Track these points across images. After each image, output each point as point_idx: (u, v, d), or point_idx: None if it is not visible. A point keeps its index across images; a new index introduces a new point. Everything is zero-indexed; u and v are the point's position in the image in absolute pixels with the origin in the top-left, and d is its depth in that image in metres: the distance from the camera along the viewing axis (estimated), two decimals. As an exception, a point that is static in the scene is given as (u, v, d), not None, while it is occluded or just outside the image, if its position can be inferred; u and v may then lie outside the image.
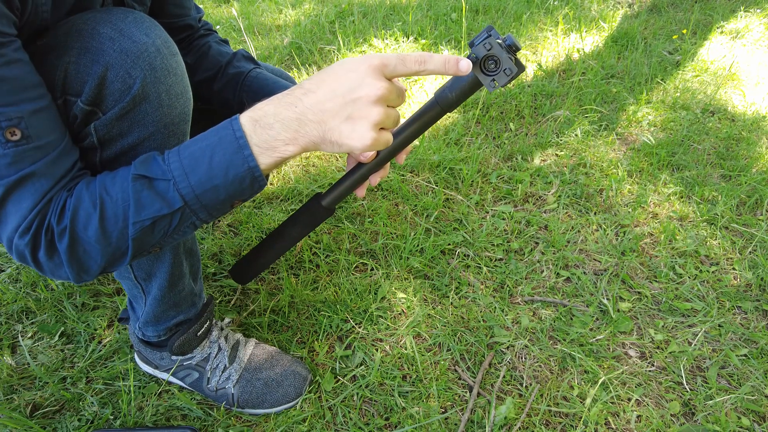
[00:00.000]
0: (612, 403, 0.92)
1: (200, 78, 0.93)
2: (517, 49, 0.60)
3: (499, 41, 0.60)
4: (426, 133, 1.64)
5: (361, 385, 0.94)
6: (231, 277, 0.97)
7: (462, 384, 0.96)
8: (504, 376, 0.96)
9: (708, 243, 1.26)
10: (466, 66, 0.56)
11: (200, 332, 0.88)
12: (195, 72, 0.93)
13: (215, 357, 0.91)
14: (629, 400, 0.93)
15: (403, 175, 1.47)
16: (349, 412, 0.91)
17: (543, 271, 1.19)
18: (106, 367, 0.98)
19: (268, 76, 0.91)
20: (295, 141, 0.55)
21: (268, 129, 0.54)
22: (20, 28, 0.53)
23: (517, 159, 1.55)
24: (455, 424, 0.89)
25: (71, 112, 0.58)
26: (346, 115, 0.54)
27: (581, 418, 0.89)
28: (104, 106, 0.58)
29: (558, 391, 0.94)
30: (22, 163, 0.52)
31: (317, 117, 0.54)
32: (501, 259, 1.22)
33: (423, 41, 2.23)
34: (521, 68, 0.60)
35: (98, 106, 0.58)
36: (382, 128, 0.56)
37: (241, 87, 0.90)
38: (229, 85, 0.92)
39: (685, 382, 0.96)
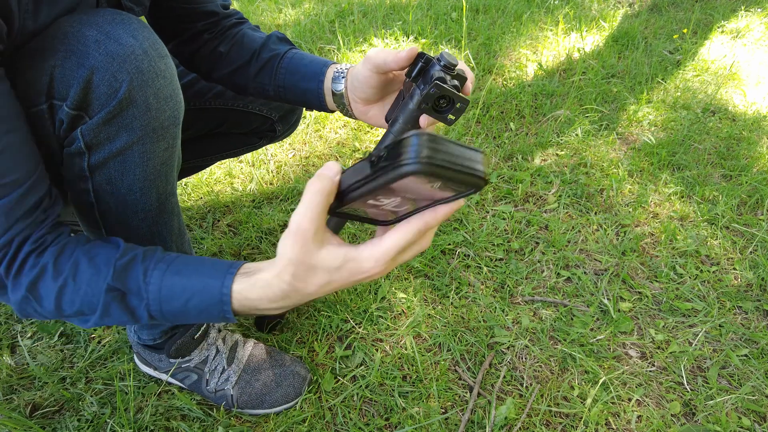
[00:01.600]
0: (612, 403, 0.92)
1: (235, 66, 0.90)
2: (454, 65, 0.59)
3: (441, 73, 0.58)
4: (426, 132, 1.63)
5: (361, 386, 0.94)
6: (255, 328, 1.03)
7: (462, 384, 0.95)
8: (504, 377, 0.96)
9: (709, 243, 1.26)
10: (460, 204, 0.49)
11: (197, 335, 0.88)
12: (230, 61, 0.90)
13: (213, 359, 0.90)
14: (630, 400, 0.93)
15: (403, 175, 1.47)
16: (349, 412, 0.90)
17: (543, 271, 1.19)
18: (105, 368, 0.98)
19: (304, 54, 0.87)
20: (282, 311, 0.54)
21: (264, 310, 0.53)
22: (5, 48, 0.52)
23: (517, 159, 1.55)
24: (455, 425, 0.89)
25: (57, 116, 0.57)
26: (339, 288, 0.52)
27: (582, 418, 0.89)
28: (90, 110, 0.57)
29: (558, 392, 0.94)
30: None
31: (312, 299, 0.55)
32: (501, 259, 1.22)
33: (423, 40, 2.22)
34: (465, 102, 0.59)
35: (84, 111, 0.57)
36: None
37: (278, 70, 0.87)
38: (264, 70, 0.88)
39: (685, 382, 0.96)
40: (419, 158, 0.36)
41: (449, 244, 1.24)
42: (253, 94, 0.92)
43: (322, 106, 0.83)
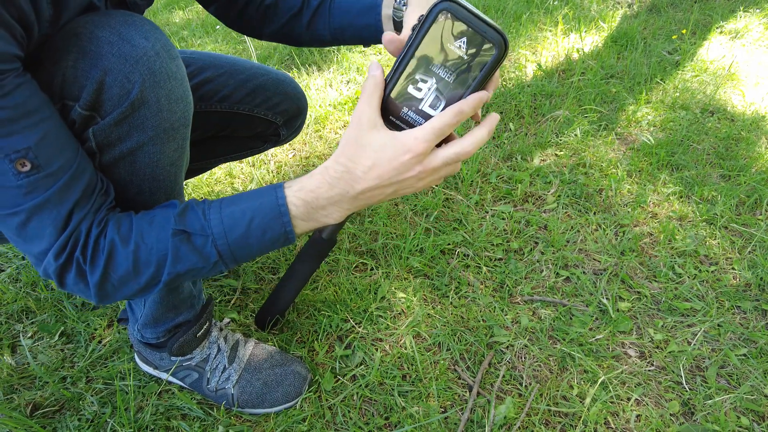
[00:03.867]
0: (611, 402, 0.92)
1: (286, 18, 0.89)
2: None
3: None
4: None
5: (360, 385, 0.94)
6: (256, 327, 1.04)
7: (462, 383, 0.96)
8: (504, 376, 0.96)
9: (707, 243, 1.26)
10: (487, 96, 0.58)
11: (199, 333, 0.88)
12: (280, 13, 0.89)
13: (215, 358, 0.91)
14: (629, 399, 0.93)
15: (402, 175, 1.47)
16: (349, 411, 0.91)
17: (542, 270, 1.19)
18: (106, 367, 0.98)
19: None
20: (343, 215, 0.61)
21: (321, 210, 0.59)
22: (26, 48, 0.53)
23: (516, 159, 1.56)
24: (455, 424, 0.89)
25: (69, 117, 0.57)
26: (391, 191, 0.59)
27: (581, 417, 0.90)
28: (103, 111, 0.57)
29: (557, 391, 0.94)
30: (37, 191, 0.53)
31: (367, 198, 0.59)
32: (501, 259, 1.22)
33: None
34: None
35: (96, 111, 0.57)
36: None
37: (331, 12, 0.86)
38: (318, 15, 0.88)
39: (684, 382, 0.96)
40: None
41: (449, 244, 1.24)
42: (308, 43, 0.92)
43: (379, 40, 0.83)
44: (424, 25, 0.52)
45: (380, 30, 0.82)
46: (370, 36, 0.84)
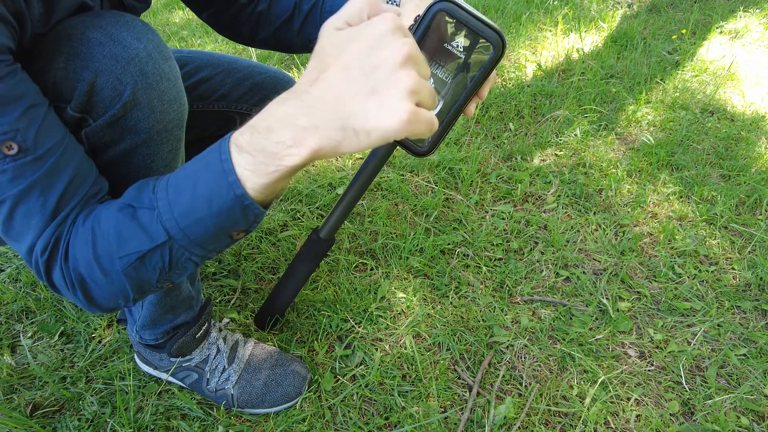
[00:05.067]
0: (611, 402, 0.92)
1: (278, 24, 0.87)
2: None
3: None
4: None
5: (360, 385, 0.94)
6: (256, 327, 1.04)
7: (462, 383, 0.96)
8: (503, 376, 0.96)
9: (707, 243, 1.26)
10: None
11: (198, 334, 0.88)
12: (272, 19, 0.87)
13: (214, 358, 0.91)
14: (628, 399, 0.93)
15: (402, 175, 1.47)
16: (349, 411, 0.91)
17: (542, 270, 1.19)
18: (105, 367, 0.98)
19: None
20: (302, 141, 0.41)
21: (267, 133, 0.42)
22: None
23: (516, 159, 1.56)
24: (455, 424, 0.89)
25: (61, 119, 0.57)
26: (369, 89, 0.39)
27: (581, 417, 0.90)
28: (94, 113, 0.57)
29: (557, 391, 0.94)
30: (23, 177, 0.49)
31: (332, 106, 0.40)
32: (500, 259, 1.22)
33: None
34: None
35: (88, 113, 0.57)
36: (418, 103, 0.41)
37: (321, 17, 0.83)
38: (309, 21, 0.85)
39: (684, 382, 0.96)
40: None
41: (449, 244, 1.24)
42: (300, 49, 0.90)
43: None
44: (421, 24, 0.52)
45: None
46: None
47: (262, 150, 0.43)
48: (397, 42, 0.40)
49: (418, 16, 0.53)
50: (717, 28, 2.37)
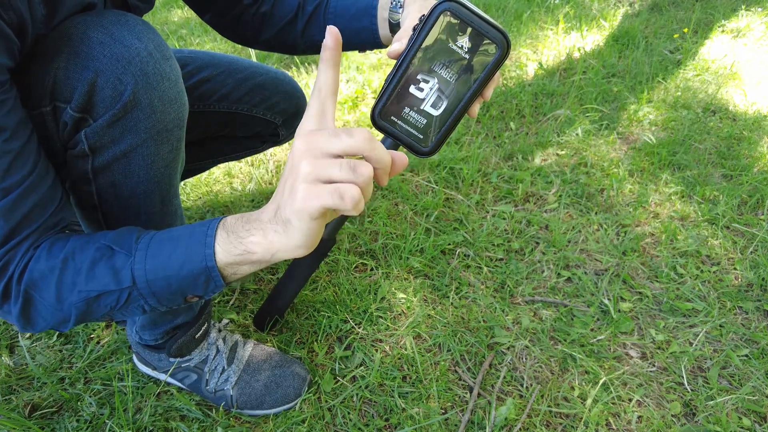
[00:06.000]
0: (613, 403, 0.92)
1: (281, 25, 0.88)
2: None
3: None
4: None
5: (360, 386, 0.94)
6: (255, 327, 1.03)
7: (462, 385, 0.95)
8: (504, 377, 0.96)
9: (709, 243, 1.26)
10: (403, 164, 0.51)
11: (198, 335, 0.87)
12: (275, 21, 0.88)
13: (213, 359, 0.90)
14: (630, 400, 0.93)
15: (402, 175, 1.47)
16: (349, 413, 0.90)
17: (544, 271, 1.19)
18: (104, 368, 0.97)
19: None
20: (263, 237, 0.49)
21: (245, 225, 0.51)
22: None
23: (517, 158, 1.55)
24: (455, 425, 0.89)
25: (61, 118, 0.56)
26: (288, 189, 0.46)
27: (582, 418, 0.89)
28: (95, 113, 0.56)
29: (559, 392, 0.94)
30: None
31: (278, 203, 0.48)
32: (501, 259, 1.22)
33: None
34: None
35: (88, 113, 0.56)
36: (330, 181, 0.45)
37: (325, 18, 0.85)
38: (312, 22, 0.86)
39: (686, 383, 0.96)
40: None
41: (449, 244, 1.24)
42: (303, 50, 0.90)
43: (376, 43, 0.82)
44: (425, 25, 0.52)
45: (376, 33, 0.81)
46: (366, 39, 0.83)
47: (236, 234, 0.51)
48: (300, 162, 0.45)
49: (423, 15, 0.53)
50: (719, 27, 2.36)
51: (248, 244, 0.50)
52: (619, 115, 1.75)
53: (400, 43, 0.57)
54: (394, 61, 0.56)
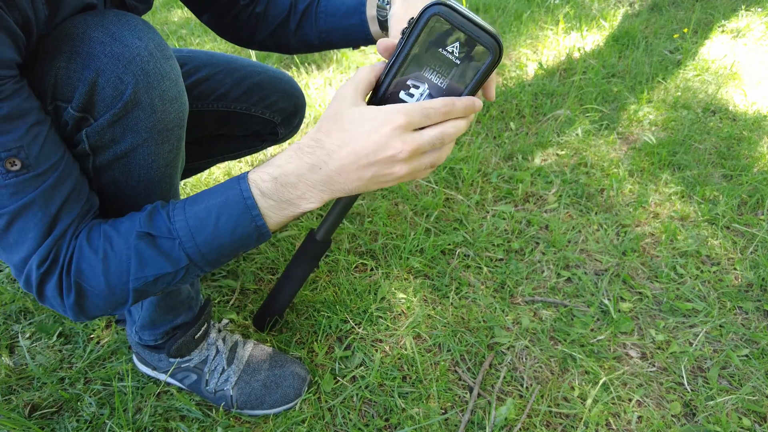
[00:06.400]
0: (613, 403, 0.92)
1: (275, 24, 0.90)
2: None
3: None
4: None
5: (360, 386, 0.94)
6: (255, 328, 1.03)
7: (462, 385, 0.95)
8: (504, 377, 0.96)
9: (709, 243, 1.26)
10: (479, 105, 0.55)
11: (198, 335, 0.87)
12: (269, 21, 0.90)
13: (213, 359, 0.90)
14: (630, 400, 0.93)
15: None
16: (349, 413, 0.90)
17: (544, 271, 1.19)
18: (104, 368, 0.97)
19: None
20: (320, 199, 0.56)
21: (292, 189, 0.55)
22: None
23: (517, 158, 1.55)
24: (455, 425, 0.88)
25: (62, 118, 0.57)
26: (370, 176, 0.53)
27: (582, 418, 0.89)
28: (95, 112, 0.57)
29: (559, 392, 0.94)
30: (24, 192, 0.52)
31: (344, 179, 0.54)
32: (501, 259, 1.22)
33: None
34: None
35: (89, 113, 0.57)
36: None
37: (317, 16, 0.86)
38: (304, 21, 0.88)
39: (686, 383, 0.96)
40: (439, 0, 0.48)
41: (449, 244, 1.24)
42: (297, 49, 0.92)
43: (367, 39, 0.84)
44: (414, 29, 0.50)
45: (367, 29, 0.82)
46: (357, 36, 0.84)
47: (285, 200, 0.55)
48: (399, 147, 0.51)
49: (412, 18, 0.51)
50: (719, 27, 2.36)
51: (304, 209, 0.56)
52: (619, 115, 1.75)
53: (388, 41, 0.57)
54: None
